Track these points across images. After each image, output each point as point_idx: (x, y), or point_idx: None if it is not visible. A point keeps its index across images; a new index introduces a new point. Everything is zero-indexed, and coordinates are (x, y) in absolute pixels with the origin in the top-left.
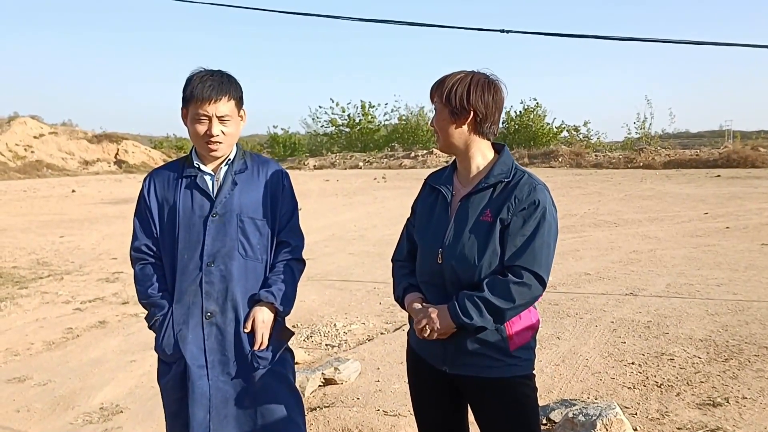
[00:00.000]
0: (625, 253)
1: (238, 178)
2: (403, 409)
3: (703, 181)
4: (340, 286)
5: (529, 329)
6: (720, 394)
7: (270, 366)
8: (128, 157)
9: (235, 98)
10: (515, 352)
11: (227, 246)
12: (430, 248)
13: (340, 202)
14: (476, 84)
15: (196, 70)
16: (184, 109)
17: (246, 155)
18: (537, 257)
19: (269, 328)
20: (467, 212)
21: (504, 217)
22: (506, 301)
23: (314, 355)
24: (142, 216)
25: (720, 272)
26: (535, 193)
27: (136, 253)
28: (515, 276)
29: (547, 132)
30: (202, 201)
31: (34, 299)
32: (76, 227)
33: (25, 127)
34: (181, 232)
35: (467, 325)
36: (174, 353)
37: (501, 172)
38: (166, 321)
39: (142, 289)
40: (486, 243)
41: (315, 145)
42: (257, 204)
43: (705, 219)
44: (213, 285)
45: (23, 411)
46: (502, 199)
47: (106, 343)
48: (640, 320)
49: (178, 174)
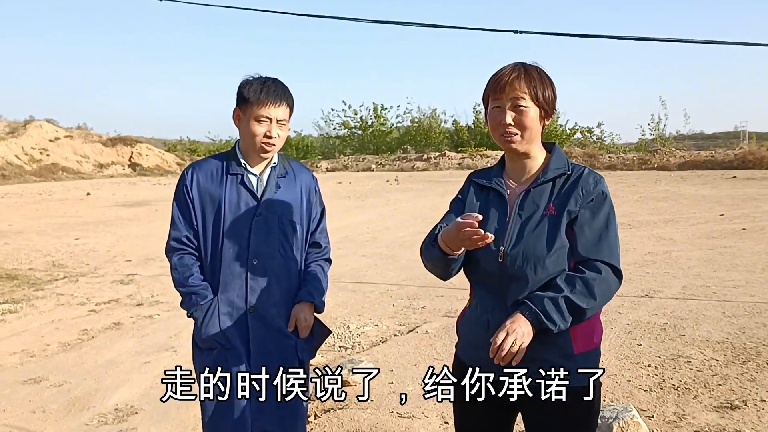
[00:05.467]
0: (640, 255)
1: (281, 182)
2: (417, 411)
3: (719, 182)
4: (353, 288)
5: (594, 332)
6: (738, 397)
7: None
8: (142, 160)
9: (290, 106)
10: (579, 356)
11: (270, 245)
12: (489, 247)
13: (352, 204)
14: (550, 83)
15: (251, 76)
16: (240, 109)
17: (285, 160)
18: (612, 250)
19: (311, 325)
20: (529, 208)
21: (572, 209)
22: (588, 298)
23: (328, 357)
24: (183, 207)
25: (737, 274)
26: (601, 185)
27: (175, 243)
28: (593, 271)
29: (560, 134)
30: (248, 200)
31: (50, 301)
32: (90, 230)
33: (40, 130)
34: (227, 228)
35: (553, 330)
36: (217, 339)
37: (559, 167)
38: (211, 308)
39: (182, 278)
40: (554, 237)
41: (327, 148)
42: (296, 207)
43: (721, 220)
44: (257, 281)
45: (39, 412)
46: (567, 191)
47: (121, 345)
48: (656, 322)
49: (222, 170)
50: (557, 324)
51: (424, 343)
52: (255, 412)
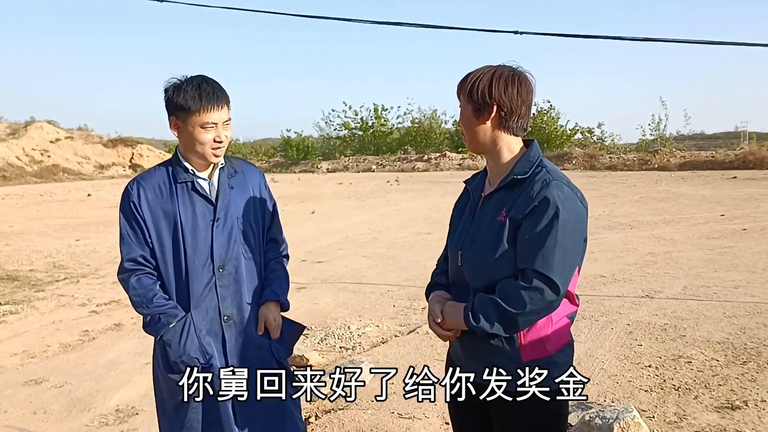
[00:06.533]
0: (640, 255)
1: (232, 182)
2: (417, 411)
3: (719, 182)
4: (353, 289)
5: (546, 340)
6: (738, 397)
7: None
8: (143, 161)
9: (228, 102)
10: (528, 363)
11: (235, 249)
12: (453, 250)
13: (353, 204)
14: (499, 77)
15: (177, 79)
16: (176, 118)
17: (230, 159)
18: (547, 260)
19: (281, 324)
20: (486, 212)
21: (515, 216)
22: (516, 306)
23: (328, 357)
24: (135, 225)
25: (737, 274)
26: (546, 189)
27: (131, 263)
28: (525, 280)
29: (560, 134)
30: (203, 206)
31: (51, 302)
32: (91, 231)
33: (41, 131)
34: (188, 239)
35: (476, 329)
36: (197, 358)
37: (522, 170)
38: (185, 327)
39: (144, 300)
40: (497, 244)
41: (328, 149)
42: (250, 206)
43: (721, 221)
44: (227, 288)
45: (40, 413)
46: (517, 197)
47: (122, 346)
48: (656, 323)
49: (170, 181)
50: (480, 324)
51: (424, 343)
52: (242, 421)
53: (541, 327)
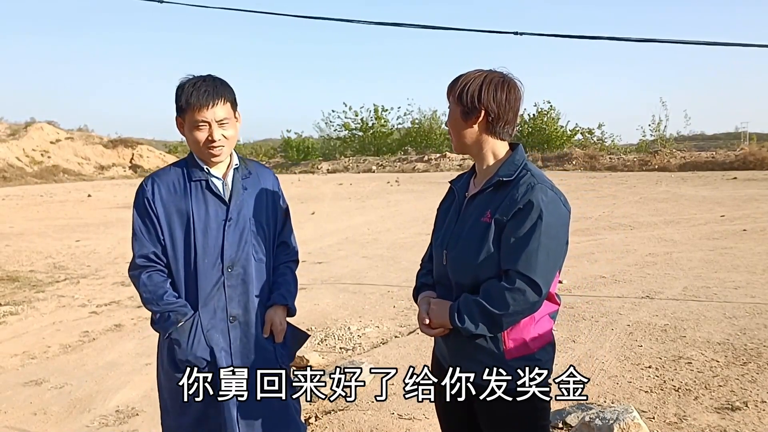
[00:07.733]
0: (640, 256)
1: (246, 183)
2: (417, 412)
3: (720, 183)
4: (353, 290)
5: (530, 339)
6: (739, 398)
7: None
8: (143, 161)
9: (230, 101)
10: (512, 362)
11: (244, 250)
12: (438, 250)
13: (353, 205)
14: (489, 82)
15: (186, 78)
16: (180, 118)
17: (244, 161)
18: (530, 262)
19: (285, 329)
20: (470, 213)
21: (499, 218)
22: (500, 307)
23: (328, 358)
24: (148, 222)
25: (737, 275)
26: (531, 193)
27: (143, 260)
28: (508, 281)
29: (560, 135)
30: (216, 205)
31: (51, 303)
32: (92, 231)
33: (41, 132)
34: (199, 238)
35: (461, 330)
36: (203, 358)
37: (507, 173)
38: (193, 326)
39: (155, 297)
40: (481, 245)
41: (328, 149)
42: (263, 208)
43: (722, 221)
44: (235, 288)
45: (40, 414)
46: (502, 199)
47: (122, 347)
48: (656, 323)
49: (184, 179)
50: (465, 325)
51: (424, 344)
52: (244, 423)
53: (524, 326)
